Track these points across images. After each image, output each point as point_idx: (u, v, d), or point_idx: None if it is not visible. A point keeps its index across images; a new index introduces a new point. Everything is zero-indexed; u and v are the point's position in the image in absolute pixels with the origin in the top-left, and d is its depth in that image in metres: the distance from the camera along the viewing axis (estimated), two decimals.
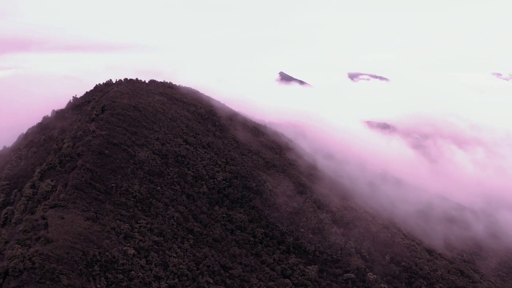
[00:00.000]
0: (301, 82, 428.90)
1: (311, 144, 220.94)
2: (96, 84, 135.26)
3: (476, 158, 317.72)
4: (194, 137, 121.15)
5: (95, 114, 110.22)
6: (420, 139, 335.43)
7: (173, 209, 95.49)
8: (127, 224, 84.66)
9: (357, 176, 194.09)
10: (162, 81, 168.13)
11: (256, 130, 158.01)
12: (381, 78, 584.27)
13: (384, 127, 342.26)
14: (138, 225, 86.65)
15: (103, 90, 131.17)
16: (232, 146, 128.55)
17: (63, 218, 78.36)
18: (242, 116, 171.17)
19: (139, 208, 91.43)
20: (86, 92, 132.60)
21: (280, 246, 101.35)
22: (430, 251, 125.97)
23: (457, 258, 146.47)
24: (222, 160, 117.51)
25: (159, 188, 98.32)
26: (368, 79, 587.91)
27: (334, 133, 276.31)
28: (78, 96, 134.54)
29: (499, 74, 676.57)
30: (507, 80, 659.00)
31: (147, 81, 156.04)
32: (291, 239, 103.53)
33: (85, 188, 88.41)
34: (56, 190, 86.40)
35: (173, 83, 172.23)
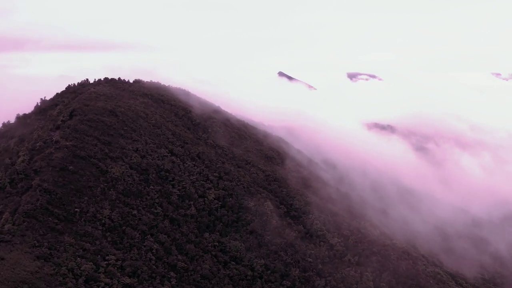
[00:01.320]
0: (300, 82, 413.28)
1: (310, 148, 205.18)
2: (69, 84, 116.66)
3: (483, 162, 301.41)
4: (182, 147, 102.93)
5: (61, 120, 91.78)
6: (422, 140, 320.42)
7: (152, 239, 77.27)
8: (91, 263, 66.40)
9: (363, 186, 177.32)
10: (150, 80, 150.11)
11: (253, 135, 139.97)
12: (380, 78, 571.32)
13: (385, 128, 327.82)
14: (105, 262, 68.40)
15: (77, 91, 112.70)
16: (227, 156, 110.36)
17: (3, 259, 60.06)
18: (238, 119, 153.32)
19: (109, 239, 73.17)
20: (57, 93, 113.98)
21: (284, 281, 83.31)
22: (453, 276, 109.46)
23: (479, 278, 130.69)
24: (215, 174, 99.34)
25: (135, 212, 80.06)
26: (367, 79, 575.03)
27: (334, 135, 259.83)
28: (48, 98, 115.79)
29: (498, 74, 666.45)
30: (507, 80, 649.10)
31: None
32: (297, 272, 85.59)
33: (39, 215, 70.08)
34: (1, 219, 68.05)
35: (162, 83, 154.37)
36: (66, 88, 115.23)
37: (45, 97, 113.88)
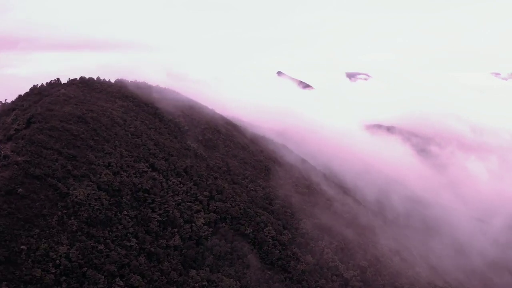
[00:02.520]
0: (299, 82, 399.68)
1: (310, 152, 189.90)
2: (34, 85, 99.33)
3: (491, 167, 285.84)
4: (166, 160, 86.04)
5: (15, 129, 74.76)
6: (424, 142, 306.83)
7: (121, 283, 60.38)
8: None
9: (370, 196, 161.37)
10: (134, 80, 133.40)
11: (250, 142, 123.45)
12: (379, 78, 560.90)
13: (386, 129, 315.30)
14: None
15: (43, 93, 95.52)
16: (220, 170, 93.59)
17: None
18: (234, 124, 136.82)
19: (64, 286, 56.24)
20: (19, 95, 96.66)
21: None
22: None
23: None
24: (205, 193, 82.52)
25: (101, 246, 63.09)
26: (366, 79, 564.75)
27: (333, 138, 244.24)
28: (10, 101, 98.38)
29: (497, 74, 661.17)
30: (506, 79, 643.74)
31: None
32: None
33: None
34: None
35: (149, 84, 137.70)
36: (30, 89, 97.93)
37: (6, 100, 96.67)
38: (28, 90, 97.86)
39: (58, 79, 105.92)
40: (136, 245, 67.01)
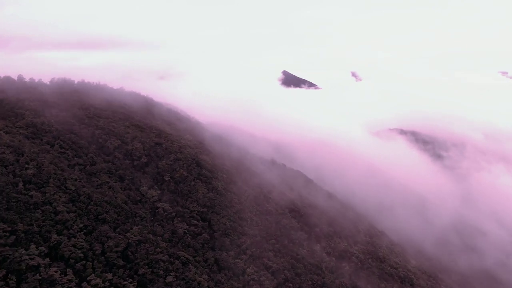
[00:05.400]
0: (305, 81, 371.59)
1: (320, 167, 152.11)
2: None
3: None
4: (88, 234, 44.80)
5: None
6: (436, 147, 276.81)
7: None
8: None
9: (401, 233, 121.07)
10: (82, 80, 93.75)
11: (248, 178, 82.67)
12: (385, 77, 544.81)
13: (395, 132, 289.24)
14: None
15: None
16: (198, 243, 52.38)
17: None
18: (225, 142, 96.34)
19: None
20: None
21: None
22: None
23: None
24: None
25: None
26: (370, 78, 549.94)
27: (345, 148, 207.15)
28: None
29: (505, 72, 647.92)
30: None
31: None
32: None
33: None
34: None
35: (111, 86, 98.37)
36: None
37: None
38: None
39: None
40: None
